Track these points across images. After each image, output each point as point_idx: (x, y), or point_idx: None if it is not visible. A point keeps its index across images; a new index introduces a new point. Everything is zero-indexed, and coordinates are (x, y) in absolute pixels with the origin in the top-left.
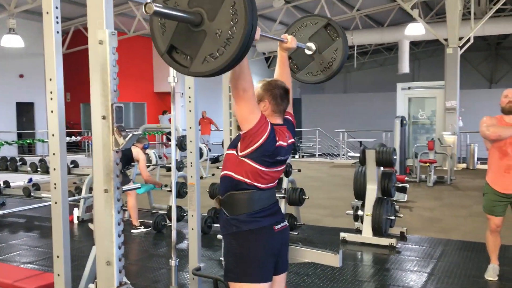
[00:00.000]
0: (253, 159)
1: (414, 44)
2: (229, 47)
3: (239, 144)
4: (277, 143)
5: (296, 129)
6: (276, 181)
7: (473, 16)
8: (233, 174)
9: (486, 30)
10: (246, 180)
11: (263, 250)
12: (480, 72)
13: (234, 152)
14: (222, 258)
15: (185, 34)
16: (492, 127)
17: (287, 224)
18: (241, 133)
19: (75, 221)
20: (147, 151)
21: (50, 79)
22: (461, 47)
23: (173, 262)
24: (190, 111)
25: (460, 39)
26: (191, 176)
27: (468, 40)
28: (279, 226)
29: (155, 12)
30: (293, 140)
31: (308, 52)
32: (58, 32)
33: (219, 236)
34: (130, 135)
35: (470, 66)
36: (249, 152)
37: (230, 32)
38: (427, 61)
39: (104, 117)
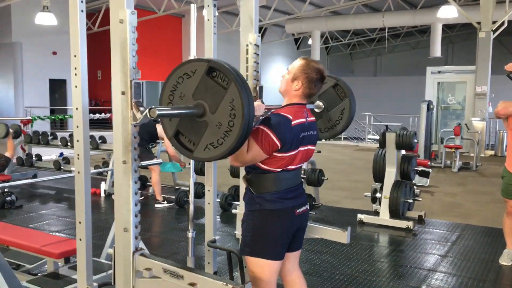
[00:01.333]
0: (281, 151)
1: (448, 27)
2: (228, 139)
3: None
4: (292, 123)
5: None
6: (303, 162)
7: None
8: (261, 164)
9: None
10: (274, 169)
11: (282, 230)
12: None
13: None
14: (236, 232)
15: (189, 122)
16: (502, 103)
17: (308, 208)
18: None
19: (102, 194)
20: None
21: (75, 56)
22: (495, 31)
23: (190, 234)
24: None
25: (494, 22)
26: None
27: (502, 23)
28: (301, 209)
29: (158, 115)
30: (313, 118)
31: (317, 110)
32: (82, 11)
33: (234, 211)
34: (147, 110)
35: (506, 50)
36: (271, 160)
37: (228, 126)
38: (461, 45)
39: (123, 93)
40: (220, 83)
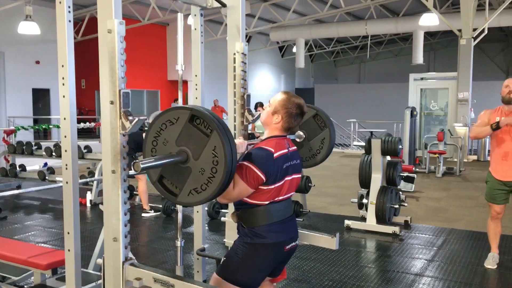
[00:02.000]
0: (267, 184)
1: (429, 35)
2: (211, 185)
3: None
4: (274, 155)
5: None
6: (293, 191)
7: (488, 6)
8: (249, 200)
9: (502, 21)
10: (262, 202)
11: (267, 264)
12: (496, 63)
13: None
14: (225, 240)
15: (173, 168)
16: (473, 128)
17: (297, 243)
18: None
19: (88, 204)
20: None
21: (62, 66)
22: (475, 38)
23: (178, 243)
24: (196, 98)
25: (475, 30)
26: None
27: (483, 31)
28: (289, 246)
29: (142, 168)
30: (295, 148)
31: (298, 140)
32: (70, 21)
33: (223, 219)
34: (136, 119)
35: (486, 57)
36: (257, 195)
37: (211, 172)
38: (443, 52)
39: (112, 102)
40: (203, 130)
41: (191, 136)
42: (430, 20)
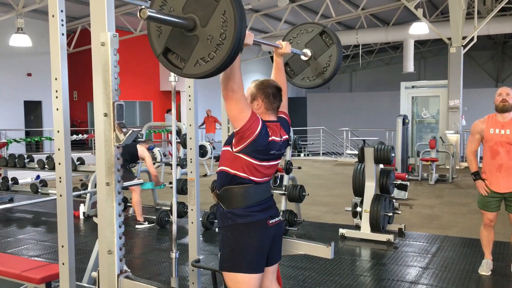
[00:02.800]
0: (247, 153)
1: (420, 43)
2: (219, 52)
3: (233, 140)
4: (270, 138)
5: (301, 128)
6: (271, 176)
7: (477, 15)
8: (228, 169)
9: (491, 29)
10: (241, 174)
11: (257, 243)
12: (486, 71)
13: (229, 148)
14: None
15: (179, 38)
16: (467, 150)
17: (281, 219)
18: (234, 130)
19: (81, 216)
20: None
21: (56, 79)
22: (465, 46)
23: (173, 255)
24: (190, 109)
25: (464, 38)
26: (191, 172)
27: (472, 39)
28: (273, 220)
29: (149, 17)
30: (287, 136)
31: (304, 58)
32: (63, 34)
33: (218, 229)
34: (130, 131)
35: (476, 64)
36: (243, 147)
37: (220, 39)
38: (433, 60)
39: (106, 115)
40: None
41: (199, 1)
42: (420, 29)
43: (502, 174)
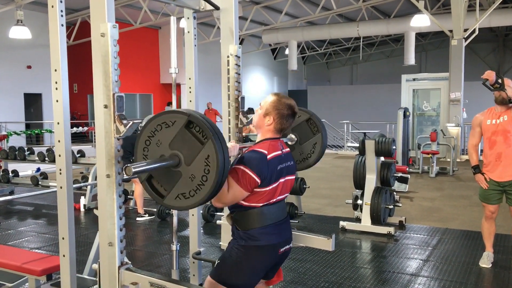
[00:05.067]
0: (261, 186)
1: (421, 36)
2: (200, 192)
3: None
4: (268, 157)
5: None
6: (286, 193)
7: (479, 7)
8: (244, 202)
9: (493, 22)
10: (257, 204)
11: (260, 266)
12: (487, 63)
13: None
14: (221, 243)
15: (164, 170)
16: (468, 145)
17: (291, 246)
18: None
19: (82, 209)
20: None
21: (55, 70)
22: (466, 39)
23: (174, 247)
24: (190, 101)
25: (466, 30)
26: None
27: (473, 31)
28: (283, 249)
29: (134, 173)
30: (288, 150)
31: (290, 143)
32: (62, 25)
33: (219, 222)
34: (131, 123)
35: (477, 57)
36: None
37: (202, 180)
38: (434, 52)
39: (106, 106)
40: (198, 137)
41: (186, 141)
42: (421, 21)
43: (502, 163)
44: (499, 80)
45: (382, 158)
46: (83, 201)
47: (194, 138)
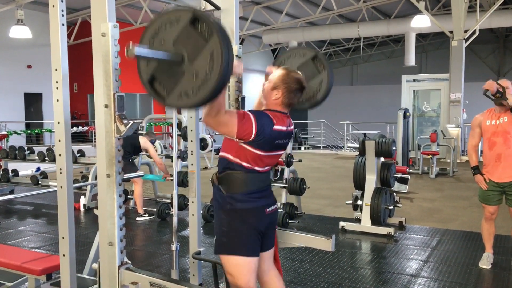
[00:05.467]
0: (252, 145)
1: (421, 36)
2: (202, 89)
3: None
4: (274, 127)
5: (301, 121)
6: (273, 165)
7: (479, 8)
8: (232, 157)
9: (493, 23)
10: (245, 164)
11: (252, 228)
12: (488, 65)
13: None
14: None
15: (166, 69)
16: (468, 145)
17: (277, 207)
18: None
19: (82, 208)
20: None
21: (56, 69)
22: (467, 40)
23: (174, 247)
24: None
25: (466, 31)
26: (192, 164)
27: (474, 32)
28: (270, 208)
29: (137, 56)
30: (292, 127)
31: None
32: (63, 25)
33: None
34: (131, 123)
35: (477, 58)
36: (247, 141)
37: (204, 77)
38: (435, 53)
39: (106, 106)
40: (203, 34)
41: (190, 38)
42: (422, 22)
43: (502, 164)
44: (500, 90)
45: (382, 159)
46: (83, 200)
47: (199, 34)
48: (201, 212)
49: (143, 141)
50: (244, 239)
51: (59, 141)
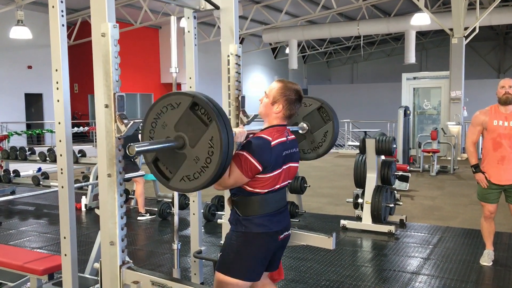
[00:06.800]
0: (265, 172)
1: (421, 34)
2: (204, 174)
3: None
4: (272, 143)
5: None
6: (288, 181)
7: (479, 5)
8: (246, 186)
9: (493, 20)
10: (261, 191)
11: (263, 253)
12: (488, 62)
13: None
14: (222, 242)
15: (169, 152)
16: (467, 141)
17: (290, 233)
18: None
19: (83, 209)
20: None
21: (56, 70)
22: (467, 37)
23: (175, 246)
24: None
25: (466, 29)
26: None
27: (474, 30)
28: (283, 235)
29: (137, 152)
30: (294, 137)
31: (301, 132)
32: (63, 25)
33: (220, 221)
34: (132, 122)
35: (477, 56)
36: (259, 174)
37: (206, 162)
38: (435, 51)
39: (106, 106)
40: (203, 119)
41: (190, 123)
42: (422, 19)
43: (504, 166)
44: None
45: (383, 157)
46: (84, 200)
47: (199, 119)
48: (202, 211)
49: None
50: (250, 265)
51: (60, 141)
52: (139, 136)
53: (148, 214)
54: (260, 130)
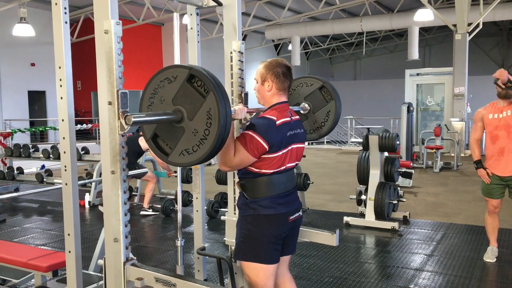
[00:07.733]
0: (271, 152)
1: (425, 30)
2: (203, 147)
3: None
4: (277, 122)
5: None
6: (297, 161)
7: (483, 1)
8: (252, 168)
9: (497, 16)
10: (266, 171)
11: (274, 235)
12: (492, 58)
13: None
14: (225, 239)
15: (167, 126)
16: (470, 138)
17: (301, 214)
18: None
19: (87, 206)
20: None
21: (60, 67)
22: (470, 33)
23: (179, 243)
24: None
25: (470, 24)
26: None
27: (477, 25)
28: (293, 216)
29: (134, 122)
30: (298, 117)
31: (302, 112)
32: (66, 22)
33: (223, 218)
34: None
35: (481, 51)
36: (265, 153)
37: (204, 134)
38: (438, 47)
39: (110, 103)
40: (200, 91)
41: (188, 95)
42: (425, 15)
43: (505, 157)
44: (511, 79)
45: (386, 153)
46: (88, 197)
47: (196, 91)
48: (205, 208)
49: (143, 142)
50: (264, 247)
51: (64, 138)
52: (139, 140)
53: (151, 210)
54: (263, 111)
